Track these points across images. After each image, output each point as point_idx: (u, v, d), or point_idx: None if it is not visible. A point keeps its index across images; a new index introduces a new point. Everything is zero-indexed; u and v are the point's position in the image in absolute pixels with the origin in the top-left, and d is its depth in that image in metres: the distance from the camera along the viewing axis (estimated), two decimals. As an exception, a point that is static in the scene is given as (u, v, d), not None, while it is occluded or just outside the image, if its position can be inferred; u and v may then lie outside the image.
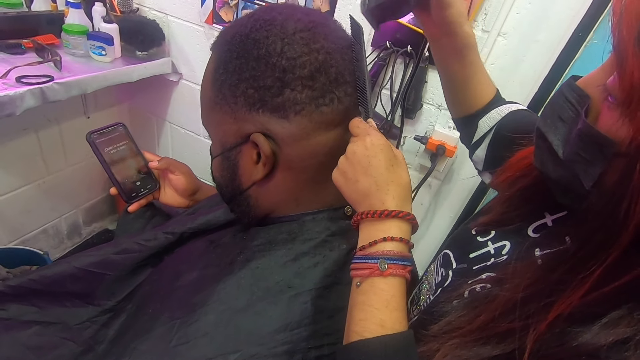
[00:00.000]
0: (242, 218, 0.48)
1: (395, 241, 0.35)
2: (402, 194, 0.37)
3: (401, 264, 0.35)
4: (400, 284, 0.35)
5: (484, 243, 0.42)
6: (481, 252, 0.42)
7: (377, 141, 0.38)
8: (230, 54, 0.39)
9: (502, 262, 0.39)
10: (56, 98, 0.96)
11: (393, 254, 0.35)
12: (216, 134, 0.44)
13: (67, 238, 1.59)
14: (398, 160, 0.39)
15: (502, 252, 0.40)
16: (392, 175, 0.37)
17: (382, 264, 0.34)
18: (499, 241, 0.41)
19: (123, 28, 1.15)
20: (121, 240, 0.62)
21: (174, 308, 0.40)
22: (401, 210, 0.36)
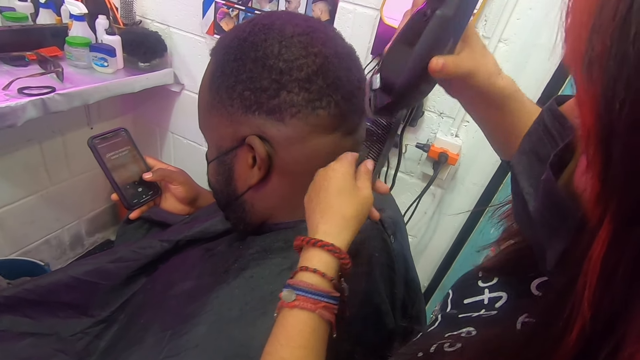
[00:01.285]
0: (237, 225, 0.47)
1: (310, 272, 0.32)
2: (337, 223, 0.34)
3: (312, 298, 0.31)
4: (311, 319, 0.31)
5: (481, 290, 0.37)
6: (475, 300, 0.37)
7: (339, 168, 0.37)
8: (228, 56, 0.39)
9: (488, 319, 0.33)
10: (58, 109, 0.96)
11: (305, 285, 0.31)
12: (212, 138, 0.44)
13: (70, 249, 1.59)
14: (350, 190, 0.36)
15: (496, 305, 0.35)
16: (335, 202, 0.35)
17: (290, 294, 0.31)
18: (497, 291, 0.36)
19: (126, 40, 1.16)
20: (117, 248, 0.61)
21: (166, 318, 0.39)
22: (321, 240, 0.33)
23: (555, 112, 0.24)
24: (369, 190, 0.37)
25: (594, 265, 0.18)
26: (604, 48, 0.17)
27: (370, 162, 0.40)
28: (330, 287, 0.32)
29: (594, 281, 0.18)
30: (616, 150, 0.17)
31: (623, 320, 0.18)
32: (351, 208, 0.35)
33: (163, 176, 0.68)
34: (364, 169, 0.39)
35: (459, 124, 1.01)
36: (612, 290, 0.18)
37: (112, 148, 0.63)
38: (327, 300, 0.31)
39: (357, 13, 1.00)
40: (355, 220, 0.35)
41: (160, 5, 1.26)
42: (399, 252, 0.50)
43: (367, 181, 0.38)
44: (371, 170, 0.39)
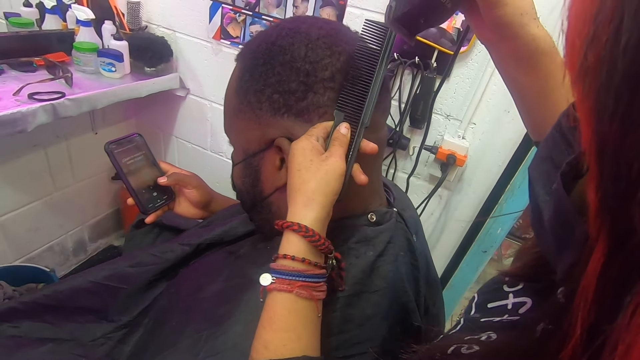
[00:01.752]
0: (262, 226, 0.48)
1: (281, 256, 0.33)
2: (300, 201, 0.34)
3: (287, 279, 0.32)
4: (287, 300, 0.31)
5: (506, 294, 0.37)
6: (498, 305, 0.36)
7: (296, 144, 0.36)
8: (256, 61, 0.39)
9: (508, 324, 0.33)
10: (67, 114, 0.96)
11: (279, 267, 0.32)
12: (239, 141, 0.45)
13: (73, 255, 1.58)
14: (307, 164, 0.35)
15: (519, 310, 0.34)
16: (296, 180, 0.35)
17: (266, 277, 0.32)
18: (521, 296, 0.35)
19: (132, 45, 1.17)
20: (136, 253, 0.61)
21: (199, 320, 0.39)
22: (286, 221, 0.34)
23: (572, 117, 0.23)
24: (336, 157, 0.36)
25: (589, 281, 0.18)
26: (597, 58, 0.16)
27: (345, 125, 0.38)
28: (305, 266, 0.33)
29: (590, 296, 0.18)
30: (607, 166, 0.16)
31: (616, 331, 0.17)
32: (311, 182, 0.34)
33: (177, 180, 0.68)
34: (336, 135, 0.37)
35: (465, 126, 1.02)
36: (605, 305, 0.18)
37: (127, 153, 0.64)
38: (303, 279, 0.32)
39: (364, 18, 1.01)
40: (318, 193, 0.34)
41: (166, 11, 1.27)
42: (421, 251, 0.51)
43: (337, 148, 0.36)
44: (345, 134, 0.37)
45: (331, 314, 0.37)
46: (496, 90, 0.96)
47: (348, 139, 0.38)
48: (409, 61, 0.99)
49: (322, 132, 0.38)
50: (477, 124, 1.02)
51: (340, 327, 0.37)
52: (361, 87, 0.38)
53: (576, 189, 0.21)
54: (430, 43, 0.96)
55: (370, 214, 0.44)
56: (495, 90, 0.96)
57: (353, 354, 0.36)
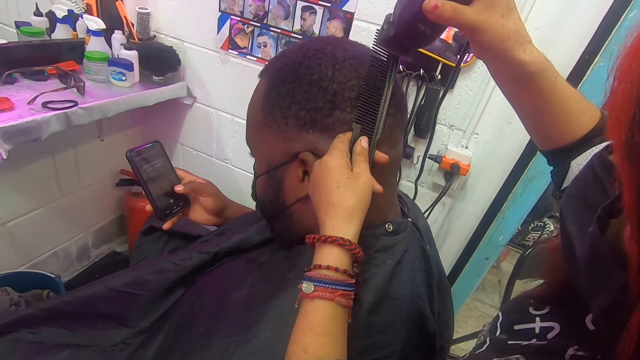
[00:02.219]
0: (283, 235, 0.50)
1: (324, 267, 0.35)
2: (342, 217, 0.37)
3: (330, 288, 0.34)
4: (329, 307, 0.34)
5: (533, 317, 0.37)
6: (525, 327, 0.37)
7: (331, 161, 0.38)
8: (283, 79, 0.41)
9: (538, 348, 0.33)
10: (80, 122, 0.98)
11: (322, 276, 0.35)
12: (262, 153, 0.46)
13: (77, 261, 1.58)
14: (346, 181, 0.38)
15: (547, 335, 0.34)
16: (335, 197, 0.37)
17: (309, 286, 0.35)
18: (549, 321, 0.35)
19: (142, 54, 1.19)
20: (155, 260, 0.62)
21: (228, 326, 0.41)
22: (331, 236, 0.36)
23: (606, 162, 0.24)
24: (366, 174, 0.39)
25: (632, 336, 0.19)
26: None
27: (365, 139, 0.40)
28: (345, 277, 0.36)
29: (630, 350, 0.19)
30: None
31: None
32: (352, 199, 0.37)
33: (193, 189, 0.70)
34: (358, 149, 0.39)
35: (469, 136, 1.05)
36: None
37: (147, 160, 0.65)
38: (343, 288, 0.35)
39: (370, 31, 1.05)
40: (358, 210, 0.37)
41: (175, 21, 1.29)
42: (434, 259, 0.53)
43: (362, 163, 0.39)
44: (366, 148, 0.40)
45: (355, 320, 0.39)
46: (498, 101, 0.99)
47: (368, 152, 0.40)
48: (414, 73, 1.02)
49: (346, 146, 0.40)
50: (480, 134, 1.05)
51: (364, 332, 0.39)
52: (374, 102, 0.41)
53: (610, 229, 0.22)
54: (434, 56, 0.99)
55: (388, 224, 0.46)
56: (498, 101, 0.99)
57: (378, 358, 0.38)
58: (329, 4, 1.06)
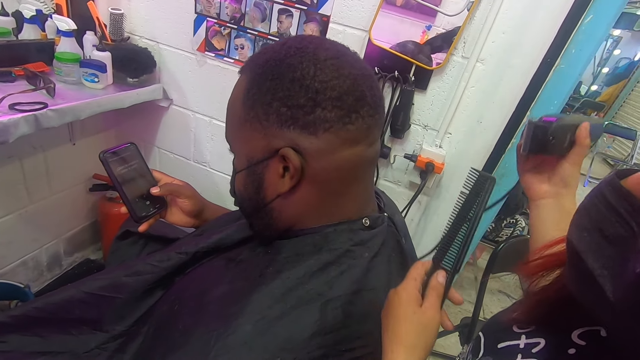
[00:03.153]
0: (263, 231, 0.50)
1: None
2: (402, 353, 0.37)
3: None
4: None
5: (517, 335, 0.37)
6: (510, 344, 0.37)
7: (402, 290, 0.39)
8: (265, 76, 0.42)
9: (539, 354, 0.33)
10: (50, 125, 0.95)
11: None
12: (242, 149, 0.47)
13: (47, 270, 1.52)
14: (411, 317, 0.38)
15: (532, 350, 0.34)
16: (399, 330, 0.38)
17: None
18: (534, 337, 0.35)
19: (115, 56, 1.17)
20: (131, 262, 0.61)
21: (208, 322, 0.41)
22: None
23: (620, 190, 0.23)
24: (434, 311, 0.39)
25: None
26: None
27: (442, 274, 0.40)
28: None
29: None
30: None
31: None
32: (413, 336, 0.37)
33: (170, 191, 0.69)
34: (433, 284, 0.40)
35: (442, 135, 1.09)
36: None
37: (122, 162, 0.64)
38: None
39: (346, 34, 1.07)
40: (419, 348, 0.37)
41: (149, 22, 1.27)
42: (409, 252, 0.55)
43: (434, 298, 0.39)
44: (442, 284, 0.40)
45: (334, 311, 0.40)
46: (469, 102, 1.03)
47: (443, 287, 0.40)
48: (389, 75, 1.05)
49: (422, 276, 0.41)
50: (453, 134, 1.09)
51: (343, 323, 0.40)
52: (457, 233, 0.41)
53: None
54: (408, 58, 1.02)
55: (365, 219, 0.48)
56: (469, 102, 1.03)
57: (355, 347, 0.39)
58: (305, 7, 1.07)
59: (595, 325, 0.31)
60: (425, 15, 0.99)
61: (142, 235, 0.83)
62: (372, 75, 0.45)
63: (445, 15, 0.96)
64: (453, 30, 0.98)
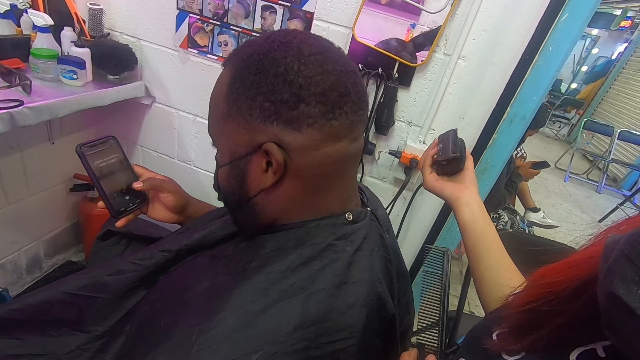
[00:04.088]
0: (246, 226, 0.50)
1: None
2: None
3: None
4: None
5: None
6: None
7: None
8: (249, 70, 0.42)
9: None
10: (26, 123, 0.92)
11: None
12: (225, 144, 0.46)
13: (27, 273, 1.48)
14: None
15: None
16: None
17: None
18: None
19: (95, 52, 1.14)
20: (113, 261, 0.60)
21: (189, 316, 0.41)
22: None
23: None
24: None
25: None
26: None
27: (432, 357, 0.42)
28: None
29: None
30: None
31: None
32: None
33: (153, 185, 0.68)
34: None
35: (425, 131, 1.10)
36: None
37: (100, 156, 0.63)
38: None
39: (330, 31, 1.07)
40: None
41: (130, 18, 1.25)
42: (392, 246, 0.56)
43: None
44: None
45: (316, 304, 0.40)
46: (452, 98, 1.05)
47: None
48: (373, 72, 1.06)
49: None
50: (436, 130, 1.11)
51: (325, 316, 0.40)
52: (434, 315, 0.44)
53: None
54: (391, 55, 1.03)
55: (348, 214, 0.48)
56: (451, 98, 1.05)
57: (337, 339, 0.40)
58: (289, 3, 1.07)
59: (590, 344, 0.30)
60: (409, 13, 1.00)
61: (124, 235, 0.82)
62: (356, 72, 0.45)
63: (429, 14, 0.97)
64: (436, 28, 0.99)
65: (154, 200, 0.70)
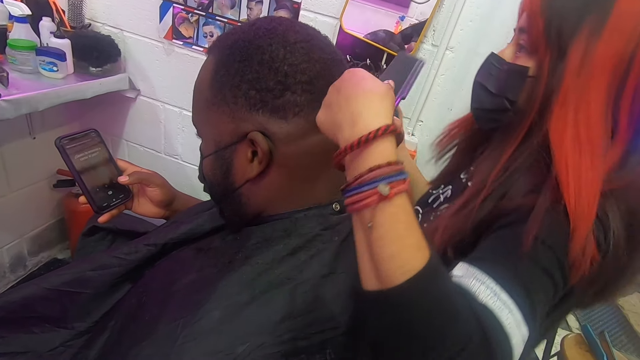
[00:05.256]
0: (232, 218, 0.49)
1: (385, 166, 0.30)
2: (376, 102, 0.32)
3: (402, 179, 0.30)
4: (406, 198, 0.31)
5: (436, 193, 0.64)
6: (435, 197, 0.63)
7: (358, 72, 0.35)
8: (233, 57, 0.41)
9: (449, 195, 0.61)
10: (4, 117, 0.89)
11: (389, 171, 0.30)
12: (210, 133, 0.45)
13: (10, 271, 1.44)
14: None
15: (447, 194, 0.61)
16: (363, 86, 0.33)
17: (384, 187, 0.29)
18: (445, 188, 0.63)
19: (76, 44, 1.11)
20: (96, 256, 0.59)
21: (174, 310, 0.40)
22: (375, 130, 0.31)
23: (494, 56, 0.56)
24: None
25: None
26: None
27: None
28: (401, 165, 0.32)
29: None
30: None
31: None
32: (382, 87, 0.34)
33: (140, 179, 0.66)
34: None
35: (414, 123, 1.10)
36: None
37: (81, 149, 0.61)
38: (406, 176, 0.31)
39: (317, 21, 1.06)
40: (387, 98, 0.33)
41: (112, 9, 1.21)
42: None
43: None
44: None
45: (303, 295, 0.40)
46: (440, 90, 1.05)
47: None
48: (361, 63, 1.05)
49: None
50: (425, 122, 1.11)
51: (312, 306, 0.40)
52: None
53: None
54: (379, 46, 1.02)
55: (335, 204, 0.48)
56: (439, 90, 1.05)
57: (325, 329, 0.39)
58: (275, -7, 1.05)
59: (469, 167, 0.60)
60: (398, 6, 1.00)
61: (110, 230, 0.80)
62: (343, 61, 0.44)
63: (417, 4, 0.97)
64: (425, 20, 0.99)
65: (140, 195, 0.69)
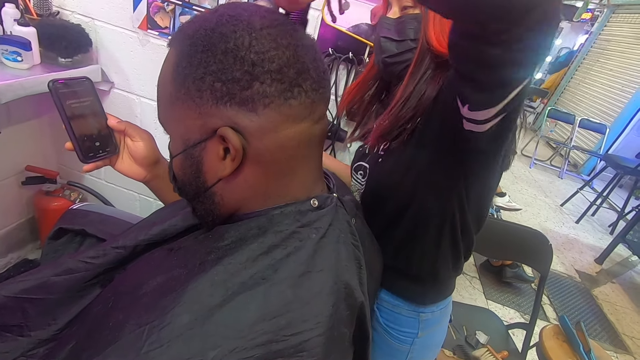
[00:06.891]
0: (205, 217, 0.47)
1: None
2: None
3: None
4: None
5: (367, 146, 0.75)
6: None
7: None
8: (195, 47, 0.38)
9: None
10: (-38, 109, 0.83)
11: None
12: (177, 131, 0.43)
13: (-24, 273, 1.37)
14: None
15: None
16: None
17: None
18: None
19: (42, 32, 1.04)
20: (61, 260, 0.55)
21: (139, 315, 0.37)
22: None
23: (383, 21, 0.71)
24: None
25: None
26: None
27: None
28: None
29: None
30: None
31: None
32: None
33: (128, 126, 0.63)
34: None
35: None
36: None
37: (73, 96, 0.58)
38: None
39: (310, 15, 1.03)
40: None
41: (81, -4, 1.15)
42: (360, 231, 0.54)
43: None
44: None
45: (279, 295, 0.38)
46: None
47: None
48: (343, 56, 1.03)
49: None
50: (407, 117, 1.10)
51: (288, 307, 0.38)
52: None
53: None
54: (362, 39, 1.00)
55: (313, 200, 0.46)
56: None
57: (302, 330, 0.38)
58: (255, -17, 1.02)
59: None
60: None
61: (77, 232, 0.76)
62: (315, 46, 0.42)
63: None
64: (405, 11, 0.97)
65: (124, 152, 0.65)
